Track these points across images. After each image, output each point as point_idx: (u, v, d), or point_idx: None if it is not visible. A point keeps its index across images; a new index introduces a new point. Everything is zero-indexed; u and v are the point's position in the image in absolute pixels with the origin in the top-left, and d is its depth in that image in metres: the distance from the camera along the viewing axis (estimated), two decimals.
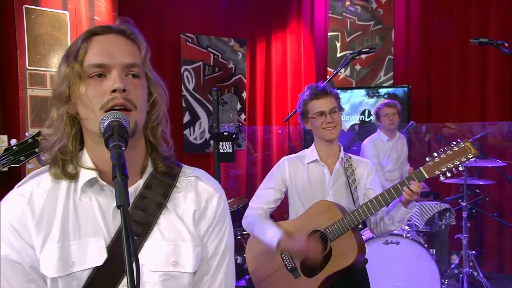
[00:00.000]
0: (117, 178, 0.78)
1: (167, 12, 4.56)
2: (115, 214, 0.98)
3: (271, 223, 2.14)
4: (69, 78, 0.96)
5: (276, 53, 5.29)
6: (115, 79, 0.93)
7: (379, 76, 5.20)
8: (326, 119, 2.09)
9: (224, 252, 1.09)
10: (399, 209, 1.95)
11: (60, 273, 0.93)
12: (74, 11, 3.72)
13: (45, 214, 0.97)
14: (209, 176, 1.13)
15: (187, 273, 1.01)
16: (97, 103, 0.93)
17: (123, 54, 0.97)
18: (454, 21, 4.78)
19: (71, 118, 0.98)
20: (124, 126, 0.89)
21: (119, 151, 0.81)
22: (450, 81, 4.80)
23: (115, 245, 0.96)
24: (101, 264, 0.95)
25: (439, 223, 3.62)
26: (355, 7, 5.25)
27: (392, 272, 3.06)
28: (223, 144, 2.82)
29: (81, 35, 0.99)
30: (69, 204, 0.98)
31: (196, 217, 1.04)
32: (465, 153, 1.81)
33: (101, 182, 0.98)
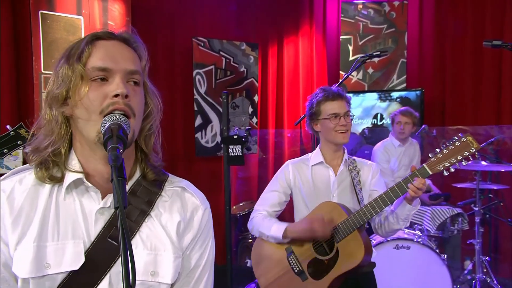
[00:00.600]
0: (114, 180, 0.78)
1: (179, 17, 4.60)
2: (98, 218, 0.97)
3: (275, 220, 2.17)
4: (69, 79, 0.95)
5: (288, 57, 5.29)
6: (118, 84, 0.94)
7: (392, 79, 5.16)
8: (340, 121, 2.09)
9: (205, 265, 1.09)
10: (403, 206, 1.95)
11: (33, 274, 0.91)
12: (88, 16, 3.79)
13: (24, 212, 0.95)
14: (195, 188, 1.13)
15: (164, 284, 0.99)
16: (97, 106, 0.94)
17: (126, 60, 0.98)
18: (469, 24, 4.73)
19: (66, 120, 0.98)
20: (125, 129, 0.89)
21: (116, 153, 0.81)
22: (464, 84, 4.75)
23: (93, 250, 0.95)
24: (77, 268, 0.93)
25: (451, 228, 3.57)
26: (367, 10, 5.23)
27: (403, 277, 3.03)
28: (233, 147, 2.83)
29: (84, 38, 0.99)
30: (51, 204, 0.97)
31: (181, 228, 1.04)
32: (467, 147, 1.80)
33: (86, 184, 0.97)
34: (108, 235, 0.96)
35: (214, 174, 4.78)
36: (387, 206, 1.95)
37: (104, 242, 0.96)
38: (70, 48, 0.99)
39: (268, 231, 2.13)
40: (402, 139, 3.90)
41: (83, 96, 0.94)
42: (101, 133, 0.92)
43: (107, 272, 0.95)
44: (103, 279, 0.95)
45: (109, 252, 0.95)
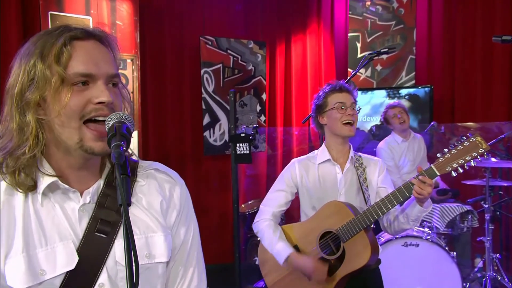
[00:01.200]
0: (117, 177, 0.78)
1: (187, 16, 4.62)
2: (81, 215, 0.97)
3: (279, 235, 2.16)
4: (48, 82, 0.89)
5: (296, 55, 5.29)
6: (103, 91, 0.92)
7: (401, 76, 5.13)
8: (347, 111, 2.09)
9: (193, 238, 1.12)
10: (414, 207, 1.92)
11: (30, 283, 0.89)
12: (97, 16, 3.82)
13: (4, 225, 0.91)
14: (167, 168, 1.13)
15: (161, 263, 1.02)
16: (78, 112, 0.91)
17: (106, 64, 0.95)
18: (478, 19, 4.67)
19: (39, 124, 0.93)
20: (129, 127, 0.89)
21: (119, 151, 0.81)
22: (474, 81, 4.70)
23: (85, 246, 0.94)
24: (73, 267, 0.92)
25: (461, 226, 3.53)
26: (375, 7, 5.20)
27: (412, 275, 3.02)
28: (240, 145, 2.84)
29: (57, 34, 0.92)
30: (29, 212, 0.94)
31: (164, 207, 1.06)
32: (476, 148, 1.76)
33: (62, 186, 0.95)
34: (95, 230, 0.96)
35: (222, 172, 4.80)
36: (394, 207, 1.93)
37: (93, 237, 0.96)
38: (41, 46, 0.91)
39: (271, 249, 2.15)
40: (404, 132, 3.88)
41: (64, 103, 0.89)
42: (84, 144, 0.92)
43: (103, 266, 0.95)
44: (100, 273, 0.95)
45: (100, 245, 0.96)
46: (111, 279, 0.96)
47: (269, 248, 2.16)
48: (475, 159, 1.77)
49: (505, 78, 4.51)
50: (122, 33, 3.95)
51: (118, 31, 3.93)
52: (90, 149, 0.92)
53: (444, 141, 4.48)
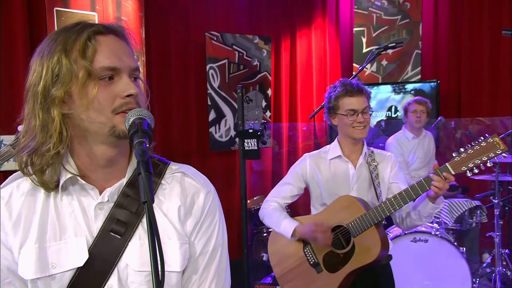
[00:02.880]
0: (142, 174, 0.76)
1: (192, 11, 4.60)
2: (97, 213, 0.96)
3: (285, 215, 2.18)
4: (75, 77, 0.89)
5: (301, 50, 5.26)
6: (128, 83, 0.93)
7: (407, 71, 5.10)
8: (358, 118, 2.07)
9: (214, 250, 1.04)
10: (426, 204, 1.91)
11: (38, 275, 0.91)
12: (102, 12, 3.81)
13: (22, 216, 0.95)
14: (197, 172, 1.08)
15: (174, 272, 0.97)
16: (108, 106, 0.91)
17: (129, 57, 0.96)
18: (485, 13, 4.64)
19: (64, 120, 0.93)
20: (149, 124, 0.88)
21: (143, 148, 0.80)
22: (481, 75, 4.67)
23: (97, 245, 0.94)
24: (81, 265, 0.92)
25: (469, 221, 3.52)
26: (381, 1, 5.16)
27: (421, 270, 3.01)
28: (248, 141, 2.82)
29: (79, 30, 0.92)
30: (48, 205, 0.96)
31: (182, 213, 1.00)
32: (493, 148, 1.75)
33: (81, 181, 0.96)
34: (109, 229, 0.95)
35: (228, 168, 4.79)
36: (406, 204, 1.92)
37: (107, 236, 0.95)
38: (63, 41, 0.91)
39: (277, 227, 2.16)
40: (416, 130, 3.85)
41: (92, 96, 0.90)
42: (117, 128, 0.91)
43: (114, 267, 0.94)
44: (111, 274, 0.94)
45: (113, 246, 0.95)
46: (121, 281, 0.95)
47: (275, 227, 2.17)
48: (492, 159, 1.75)
49: (511, 73, 4.48)
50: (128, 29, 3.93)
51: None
52: (122, 132, 0.91)
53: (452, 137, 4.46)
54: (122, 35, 0.98)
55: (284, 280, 2.21)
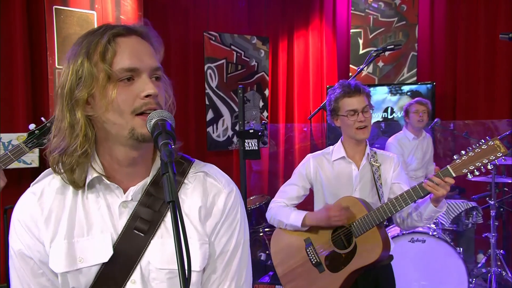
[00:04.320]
0: (169, 174, 0.78)
1: (191, 11, 4.61)
2: (122, 211, 1.00)
3: (294, 208, 2.21)
4: (95, 80, 0.92)
5: (298, 51, 5.29)
6: (148, 84, 0.93)
7: (403, 72, 5.14)
8: (358, 117, 2.09)
9: (234, 250, 1.05)
10: (427, 206, 1.94)
11: (68, 269, 0.95)
12: (101, 11, 3.80)
13: (53, 212, 0.99)
14: (219, 172, 1.09)
15: (194, 272, 0.98)
16: (128, 107, 0.92)
17: (149, 57, 0.96)
18: (481, 16, 4.69)
19: (88, 121, 0.95)
20: (171, 124, 0.89)
21: (169, 149, 0.81)
22: (477, 78, 4.71)
23: (121, 242, 0.97)
24: (107, 260, 0.96)
25: (465, 222, 3.57)
26: (378, 3, 5.20)
27: (418, 270, 3.04)
28: (249, 141, 2.83)
29: (101, 33, 0.94)
30: (76, 202, 1.00)
31: (202, 214, 1.02)
32: (494, 151, 1.76)
33: (106, 181, 0.99)
34: (133, 227, 0.98)
35: (225, 168, 4.70)
36: (408, 205, 1.94)
37: (131, 233, 0.98)
38: (87, 45, 0.94)
39: (287, 219, 2.17)
40: (418, 130, 3.89)
41: (111, 98, 0.92)
42: (136, 131, 0.93)
43: (138, 263, 0.97)
44: (134, 270, 0.97)
45: (136, 243, 0.98)
46: (144, 277, 0.98)
47: (285, 220, 2.17)
48: (492, 162, 1.77)
49: (507, 75, 4.53)
50: None
51: None
52: (141, 135, 0.93)
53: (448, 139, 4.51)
54: (145, 35, 0.99)
55: (287, 279, 2.23)
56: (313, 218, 2.10)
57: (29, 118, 3.57)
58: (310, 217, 2.11)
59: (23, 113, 3.50)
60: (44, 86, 3.59)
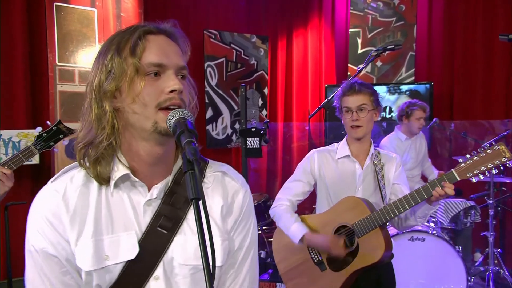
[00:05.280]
0: (196, 171, 0.80)
1: (191, 9, 4.60)
2: (146, 209, 1.01)
3: (296, 218, 2.18)
4: (124, 73, 0.95)
5: (297, 50, 5.30)
6: (174, 79, 0.96)
7: (401, 72, 5.17)
8: (353, 116, 2.10)
9: (249, 246, 1.11)
10: (422, 204, 1.95)
11: (95, 267, 0.96)
12: (102, 8, 3.79)
13: (79, 209, 0.99)
14: (235, 171, 1.15)
15: (216, 267, 1.02)
16: (153, 101, 0.95)
17: (176, 56, 1.00)
18: (479, 17, 4.72)
19: (115, 114, 0.98)
20: (191, 123, 0.91)
21: (194, 147, 0.83)
22: (474, 78, 4.75)
23: (146, 239, 0.99)
24: (133, 257, 0.98)
25: (464, 221, 3.60)
26: (377, 3, 5.22)
27: (417, 268, 3.06)
28: (251, 139, 2.84)
29: (132, 31, 0.98)
30: (101, 199, 1.00)
31: (224, 212, 1.06)
32: (499, 156, 1.76)
33: (133, 179, 1.00)
34: (157, 225, 1.00)
35: None
36: (411, 207, 1.95)
37: (155, 231, 1.00)
38: (117, 42, 0.97)
39: (286, 230, 2.17)
40: (411, 133, 3.90)
41: (138, 91, 0.95)
42: (158, 124, 0.95)
43: (161, 260, 0.99)
44: (157, 267, 0.99)
45: (160, 240, 1.00)
46: (166, 273, 1.00)
47: (285, 229, 2.18)
48: (497, 167, 1.77)
49: (504, 76, 4.57)
50: (127, 26, 3.89)
51: (123, 24, 3.90)
52: (163, 129, 0.95)
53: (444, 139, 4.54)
54: (173, 36, 1.02)
55: (288, 277, 2.24)
56: (312, 240, 2.10)
57: (29, 115, 3.56)
58: (309, 238, 2.10)
59: (23, 110, 3.49)
60: (44, 83, 3.57)
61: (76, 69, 3.66)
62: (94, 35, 3.74)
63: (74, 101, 3.63)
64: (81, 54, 3.69)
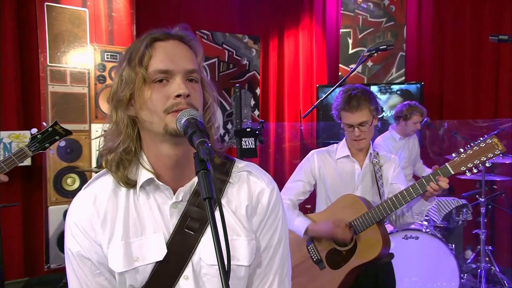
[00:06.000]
0: (211, 171, 0.81)
1: (183, 9, 4.59)
2: (172, 211, 1.03)
3: (298, 213, 2.21)
4: (133, 82, 0.99)
5: (289, 50, 5.31)
6: (179, 84, 0.98)
7: (391, 72, 5.22)
8: (354, 131, 2.10)
9: (277, 245, 1.12)
10: (419, 202, 1.97)
11: (126, 268, 0.99)
12: (93, 8, 3.76)
13: (109, 214, 1.02)
14: (261, 170, 1.15)
15: (243, 266, 1.04)
16: (161, 107, 0.97)
17: (184, 60, 1.00)
18: (467, 18, 4.78)
19: (131, 121, 1.02)
20: (201, 123, 0.92)
21: (208, 147, 0.83)
22: (463, 78, 4.80)
23: (174, 240, 1.01)
24: (161, 259, 1.00)
25: (456, 219, 3.65)
26: (367, 3, 5.26)
27: (411, 266, 3.09)
28: (246, 140, 2.85)
29: (143, 40, 1.02)
30: (129, 204, 1.04)
31: (249, 212, 1.07)
32: (492, 149, 1.79)
33: (157, 182, 1.03)
34: (184, 226, 1.03)
35: None
36: (407, 202, 1.97)
37: (182, 232, 1.02)
38: (130, 51, 1.02)
39: (290, 224, 2.17)
40: (408, 134, 3.93)
41: (146, 98, 0.98)
42: (168, 126, 0.97)
43: (189, 260, 1.02)
44: (186, 267, 1.01)
45: (188, 241, 1.02)
46: (195, 273, 1.02)
47: (288, 225, 2.18)
48: (490, 160, 1.80)
49: (492, 76, 4.63)
50: (118, 26, 3.89)
51: (114, 24, 3.88)
52: (173, 130, 0.97)
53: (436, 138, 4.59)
54: (184, 39, 1.04)
55: None
56: (316, 229, 2.10)
57: (20, 116, 3.52)
58: (313, 229, 2.11)
59: (14, 111, 3.46)
60: (35, 84, 3.54)
61: (68, 69, 3.63)
62: (85, 35, 3.71)
63: (66, 102, 3.60)
64: (72, 55, 3.66)
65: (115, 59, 3.82)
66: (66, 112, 3.58)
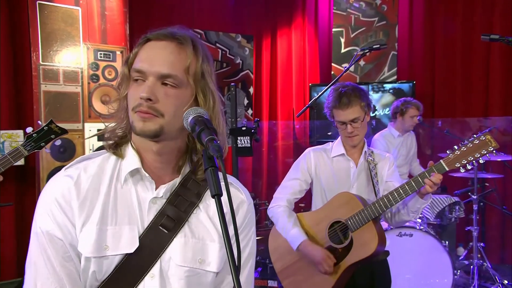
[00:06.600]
0: (222, 170, 0.82)
1: (176, 8, 4.57)
2: (151, 207, 1.04)
3: (294, 221, 2.20)
4: (123, 78, 1.06)
5: (282, 49, 5.32)
6: (145, 87, 0.98)
7: (383, 71, 5.25)
8: (347, 128, 2.12)
9: (248, 257, 1.14)
10: (415, 200, 1.99)
11: (94, 254, 0.98)
12: (86, 6, 3.74)
13: (89, 197, 1.01)
14: (241, 184, 1.18)
15: (211, 272, 1.05)
16: (131, 104, 1.01)
17: (162, 63, 0.98)
18: (459, 17, 4.83)
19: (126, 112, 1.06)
20: (209, 120, 0.92)
21: (217, 145, 0.83)
22: (454, 77, 4.86)
23: (146, 236, 1.01)
24: (132, 252, 0.99)
25: (449, 216, 3.69)
26: (359, 3, 5.29)
27: (405, 263, 3.12)
28: (241, 138, 2.85)
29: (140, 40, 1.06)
30: (110, 190, 1.03)
31: (226, 220, 1.07)
32: (485, 146, 1.83)
33: (143, 173, 1.03)
34: (159, 223, 1.02)
35: None
36: (402, 199, 1.99)
37: (156, 229, 1.02)
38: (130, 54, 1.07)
39: (285, 233, 2.19)
40: (406, 131, 3.96)
41: (124, 95, 1.04)
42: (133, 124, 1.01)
43: (159, 258, 1.01)
44: (154, 264, 1.01)
45: (160, 239, 1.01)
46: (163, 272, 1.02)
47: (283, 233, 2.20)
48: (484, 156, 1.83)
49: (483, 75, 4.69)
50: (111, 25, 3.87)
51: (107, 23, 3.85)
52: (134, 128, 1.01)
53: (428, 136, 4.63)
54: (182, 42, 1.01)
55: (285, 275, 2.26)
56: (307, 251, 2.11)
57: (12, 115, 3.48)
58: (305, 248, 2.12)
59: (7, 110, 3.42)
60: (28, 83, 3.50)
61: (61, 68, 3.60)
62: (78, 34, 3.69)
63: (59, 101, 3.57)
64: (65, 53, 3.63)
65: (108, 58, 3.80)
66: (59, 111, 3.56)
